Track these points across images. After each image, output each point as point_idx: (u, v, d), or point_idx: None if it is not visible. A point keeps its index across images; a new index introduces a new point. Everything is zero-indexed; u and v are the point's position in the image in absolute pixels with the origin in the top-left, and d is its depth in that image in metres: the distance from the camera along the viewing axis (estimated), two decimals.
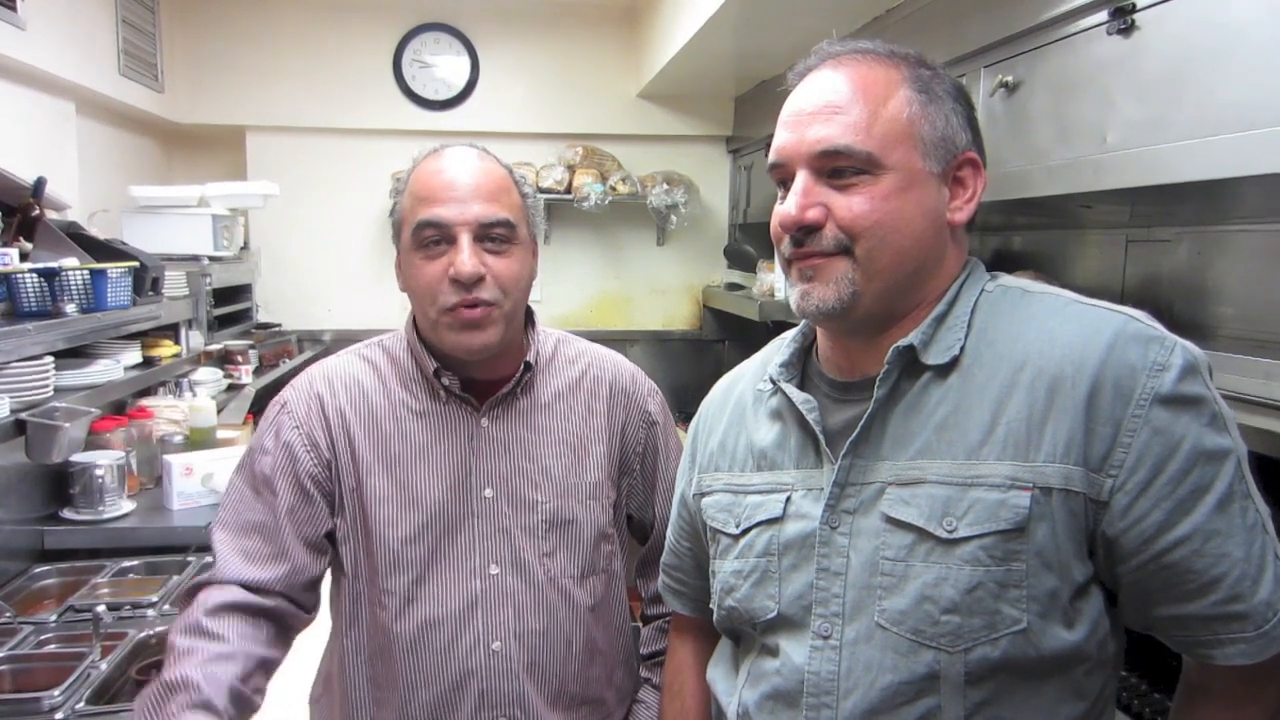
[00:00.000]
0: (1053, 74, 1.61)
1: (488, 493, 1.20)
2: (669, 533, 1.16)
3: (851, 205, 0.85)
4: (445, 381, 1.20)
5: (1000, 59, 1.77)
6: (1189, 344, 0.82)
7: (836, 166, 0.86)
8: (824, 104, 0.87)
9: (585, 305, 4.13)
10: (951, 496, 0.82)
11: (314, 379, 1.25)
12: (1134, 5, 1.39)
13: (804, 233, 0.87)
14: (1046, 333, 0.84)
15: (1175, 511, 0.78)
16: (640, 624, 1.38)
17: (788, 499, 0.93)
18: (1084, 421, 0.80)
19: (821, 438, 0.91)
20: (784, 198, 0.91)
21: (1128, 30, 1.40)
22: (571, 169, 3.81)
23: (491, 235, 1.15)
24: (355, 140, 3.82)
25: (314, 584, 1.21)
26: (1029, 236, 2.16)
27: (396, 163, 1.11)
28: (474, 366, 1.22)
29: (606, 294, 4.14)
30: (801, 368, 0.99)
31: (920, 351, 0.87)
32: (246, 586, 1.14)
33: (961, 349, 0.87)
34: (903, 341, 0.87)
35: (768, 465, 0.97)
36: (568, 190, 3.77)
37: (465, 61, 3.83)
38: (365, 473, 1.19)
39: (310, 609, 1.22)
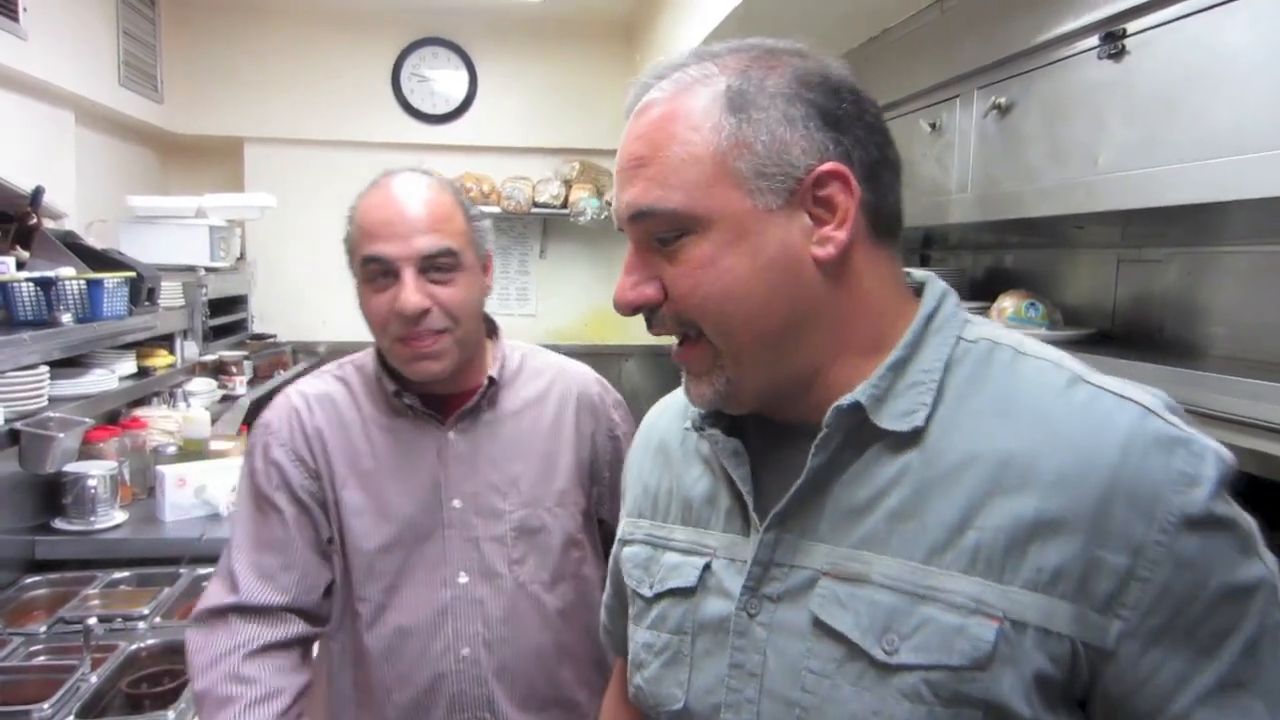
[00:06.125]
0: (1045, 96, 1.63)
1: (456, 504, 1.25)
2: (608, 568, 1.01)
3: (677, 279, 0.70)
4: (407, 401, 1.26)
5: (993, 81, 1.79)
6: (1219, 446, 0.64)
7: (655, 232, 0.70)
8: (629, 156, 0.72)
9: (580, 319, 4.14)
10: (898, 607, 0.65)
11: (291, 398, 1.31)
12: (1125, 30, 1.41)
13: (648, 313, 0.73)
14: (1044, 422, 0.66)
15: (1199, 658, 0.62)
16: None
17: (706, 566, 0.76)
18: (1084, 546, 0.62)
19: (750, 500, 0.73)
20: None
21: (1119, 55, 1.42)
22: (568, 184, 3.83)
23: (437, 265, 1.17)
24: (353, 153, 3.84)
25: (326, 591, 1.27)
26: (1021, 255, 2.17)
27: None
28: (436, 384, 1.26)
29: (601, 308, 4.15)
30: None
31: (870, 410, 0.68)
32: (268, 610, 1.20)
33: (929, 417, 0.68)
34: (845, 400, 0.68)
35: (693, 520, 0.80)
36: (564, 205, 3.79)
37: (463, 76, 3.86)
38: (341, 486, 1.25)
39: (325, 620, 1.28)
